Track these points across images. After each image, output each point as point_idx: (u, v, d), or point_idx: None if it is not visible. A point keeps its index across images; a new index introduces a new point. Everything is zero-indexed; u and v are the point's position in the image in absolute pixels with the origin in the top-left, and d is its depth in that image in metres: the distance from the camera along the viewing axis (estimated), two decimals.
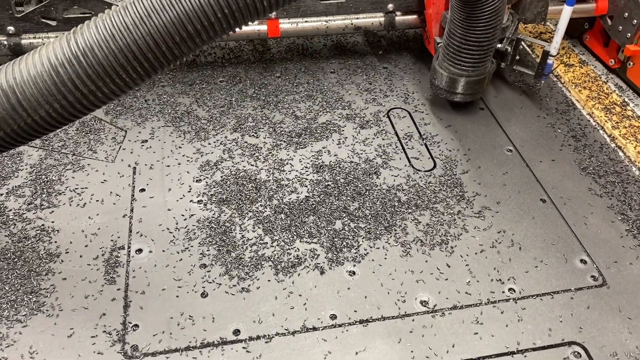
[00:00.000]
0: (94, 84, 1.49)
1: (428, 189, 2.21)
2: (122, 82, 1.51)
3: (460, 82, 2.45)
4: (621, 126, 2.52)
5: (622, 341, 1.73)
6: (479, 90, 2.52)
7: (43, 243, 1.94)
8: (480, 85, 2.49)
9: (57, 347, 1.66)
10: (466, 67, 2.40)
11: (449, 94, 2.52)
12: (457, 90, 2.48)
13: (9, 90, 1.49)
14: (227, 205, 2.10)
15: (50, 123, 1.55)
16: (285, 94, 2.67)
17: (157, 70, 1.54)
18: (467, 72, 2.42)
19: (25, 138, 1.60)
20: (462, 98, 2.52)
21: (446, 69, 2.45)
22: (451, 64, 2.43)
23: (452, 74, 2.44)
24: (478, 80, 2.45)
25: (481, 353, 1.69)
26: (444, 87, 2.49)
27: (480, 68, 2.42)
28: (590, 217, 2.13)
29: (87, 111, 1.57)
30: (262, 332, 1.72)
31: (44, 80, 1.48)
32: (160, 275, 1.87)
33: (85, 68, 1.46)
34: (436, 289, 1.86)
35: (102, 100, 1.55)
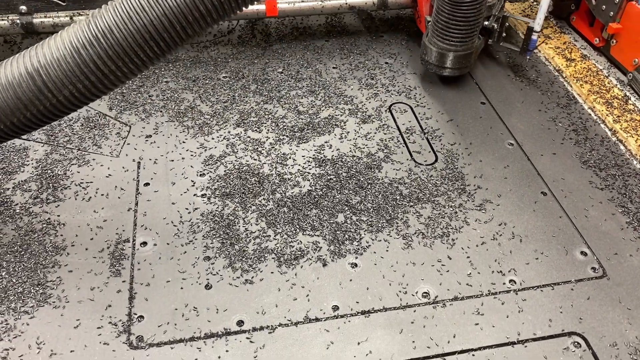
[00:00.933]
0: (114, 64, 1.59)
1: (429, 183, 2.22)
2: (140, 62, 1.61)
3: (448, 57, 2.58)
4: (622, 120, 2.53)
5: (621, 331, 1.75)
6: (466, 65, 2.65)
7: (49, 236, 1.97)
8: (468, 60, 2.62)
9: (64, 338, 1.68)
10: (454, 42, 2.54)
11: (438, 69, 2.65)
12: (446, 64, 2.61)
13: (34, 73, 1.59)
14: (230, 199, 2.12)
15: (74, 103, 1.66)
16: (288, 89, 2.69)
17: (171, 49, 1.64)
18: (455, 47, 2.56)
19: (50, 118, 1.71)
20: (451, 72, 2.65)
21: (435, 45, 2.59)
22: (440, 40, 2.56)
23: (441, 49, 2.57)
24: (466, 54, 2.59)
25: (482, 343, 1.71)
26: (433, 62, 2.63)
27: (468, 43, 2.56)
28: (590, 210, 2.15)
29: (107, 90, 1.68)
30: (265, 323, 1.74)
31: (67, 62, 1.58)
32: (165, 267, 1.89)
33: (106, 49, 1.56)
34: (437, 280, 1.88)
35: (122, 80, 1.65)
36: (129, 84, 2.67)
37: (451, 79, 2.78)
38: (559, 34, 3.11)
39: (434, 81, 2.80)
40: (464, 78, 2.82)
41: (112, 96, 2.60)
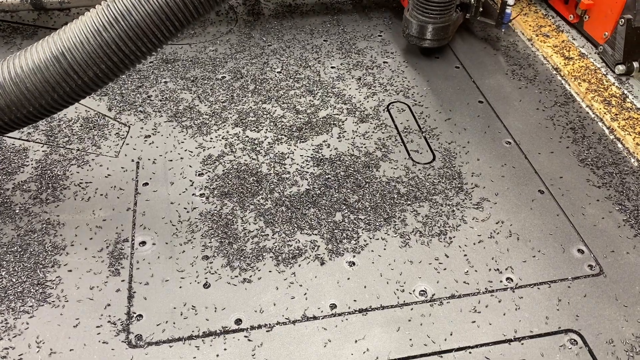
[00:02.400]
0: (134, 44, 1.70)
1: (427, 181, 2.23)
2: (157, 41, 1.73)
3: (428, 29, 2.78)
4: (620, 118, 2.54)
5: (618, 329, 1.75)
6: (444, 37, 2.85)
7: (49, 236, 1.98)
8: (446, 32, 2.83)
9: (63, 337, 1.69)
10: (433, 14, 2.74)
11: (419, 40, 2.85)
12: (426, 36, 2.81)
13: (60, 57, 1.69)
14: (229, 198, 2.14)
15: (98, 83, 1.77)
16: (286, 89, 2.70)
17: (185, 27, 1.75)
18: (434, 20, 2.76)
19: (76, 98, 1.81)
20: (431, 44, 2.85)
21: (415, 17, 2.79)
22: (419, 13, 2.77)
23: (421, 22, 2.77)
24: (444, 26, 2.80)
25: (479, 341, 1.72)
26: (414, 34, 2.83)
27: (446, 15, 2.77)
28: (588, 208, 2.15)
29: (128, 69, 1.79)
30: (263, 321, 1.75)
31: (90, 44, 1.68)
32: (164, 266, 1.90)
33: (125, 30, 1.67)
34: (434, 278, 1.89)
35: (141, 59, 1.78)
36: (128, 85, 2.68)
37: (449, 77, 2.79)
38: (557, 32, 3.12)
39: (432, 80, 2.81)
40: (462, 77, 2.83)
41: (111, 96, 2.61)
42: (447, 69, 2.90)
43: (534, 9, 3.32)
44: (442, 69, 2.90)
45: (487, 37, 3.15)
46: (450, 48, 3.05)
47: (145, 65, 2.81)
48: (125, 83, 2.69)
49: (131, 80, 2.71)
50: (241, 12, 3.31)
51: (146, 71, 2.77)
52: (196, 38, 3.05)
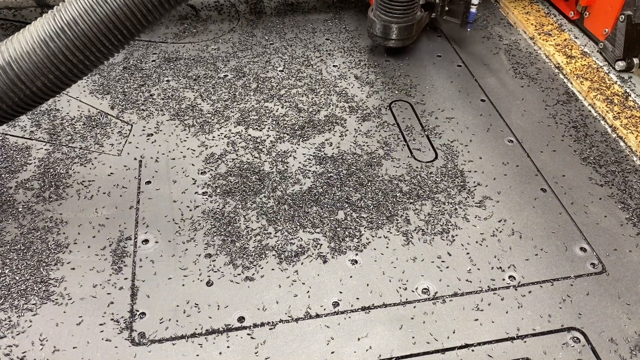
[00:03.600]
0: (82, 54, 1.68)
1: (429, 180, 2.23)
2: (105, 50, 1.71)
3: (392, 29, 2.75)
4: (622, 117, 2.53)
5: (621, 327, 1.75)
6: (409, 36, 2.83)
7: (52, 234, 1.98)
8: (410, 31, 2.80)
9: (67, 335, 1.70)
10: (397, 14, 2.71)
11: (383, 40, 2.82)
12: (391, 36, 2.78)
13: (6, 67, 1.67)
14: (231, 196, 2.14)
15: (47, 93, 1.75)
16: (288, 87, 2.70)
17: (134, 35, 1.73)
18: (397, 19, 2.73)
19: (27, 108, 1.79)
20: (395, 43, 2.82)
21: (379, 17, 2.75)
22: (383, 13, 2.73)
23: (385, 22, 2.74)
24: (408, 26, 2.77)
25: (481, 339, 1.72)
26: (378, 34, 2.80)
27: (409, 15, 2.74)
28: (590, 206, 2.15)
29: (78, 78, 1.77)
30: (266, 319, 1.75)
31: (36, 54, 1.66)
32: (167, 264, 1.91)
33: (72, 39, 1.65)
34: (437, 276, 1.89)
35: (90, 68, 1.75)
36: (130, 83, 2.68)
37: (451, 76, 2.79)
38: (559, 31, 3.12)
39: (434, 79, 2.81)
40: (464, 75, 2.83)
41: (113, 95, 2.61)
42: (449, 67, 2.90)
43: (535, 8, 3.32)
44: (444, 67, 2.90)
45: (489, 35, 3.15)
46: (452, 46, 3.05)
47: (148, 64, 2.82)
48: (127, 82, 2.70)
49: (133, 78, 2.72)
50: (243, 10, 3.31)
51: (148, 70, 2.78)
52: (198, 37, 3.05)
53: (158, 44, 2.98)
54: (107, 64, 2.80)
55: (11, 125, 2.42)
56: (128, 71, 2.76)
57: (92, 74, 2.73)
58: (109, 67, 2.78)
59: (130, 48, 2.93)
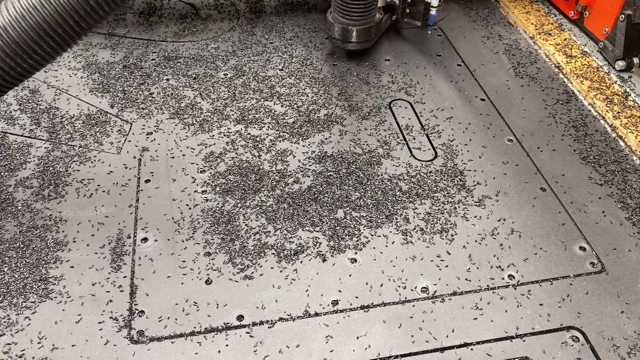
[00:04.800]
0: (13, 61, 1.67)
1: (429, 179, 2.23)
2: (39, 57, 1.69)
3: (351, 32, 2.70)
4: (622, 116, 2.53)
5: (620, 326, 1.75)
6: (368, 39, 2.77)
7: (51, 232, 1.98)
8: (369, 34, 2.75)
9: (66, 333, 1.70)
10: (355, 17, 2.67)
11: (343, 44, 2.77)
12: (350, 39, 2.73)
13: None
14: (230, 195, 2.14)
15: None
16: (288, 86, 2.70)
17: (69, 43, 1.71)
18: (355, 22, 2.68)
19: None
20: (355, 46, 2.77)
21: (337, 20, 2.71)
22: (341, 15, 2.69)
23: (343, 25, 2.69)
24: (366, 28, 2.72)
25: (480, 338, 1.72)
26: (338, 37, 2.74)
27: (367, 17, 2.69)
28: (590, 205, 2.15)
29: (12, 86, 1.76)
30: (265, 317, 1.75)
31: None
32: (166, 263, 1.90)
33: (2, 47, 1.64)
34: (436, 275, 1.89)
35: (24, 75, 1.74)
36: (130, 82, 2.68)
37: (451, 75, 2.79)
38: (559, 31, 3.12)
39: (434, 78, 2.80)
40: (464, 75, 2.83)
41: (113, 94, 2.61)
42: (449, 66, 2.90)
43: (535, 7, 3.32)
44: (444, 66, 2.90)
45: (489, 35, 3.15)
46: (452, 46, 3.05)
47: (147, 63, 2.81)
48: (127, 80, 2.69)
49: (133, 77, 2.71)
50: (243, 9, 3.31)
51: (148, 68, 2.77)
52: (198, 35, 3.05)
53: (158, 42, 2.97)
54: (107, 63, 2.80)
55: (10, 124, 2.42)
56: (128, 70, 2.76)
57: (92, 72, 2.73)
58: (109, 66, 2.78)
59: (130, 47, 2.92)
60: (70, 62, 2.80)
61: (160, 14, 3.21)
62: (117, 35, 3.02)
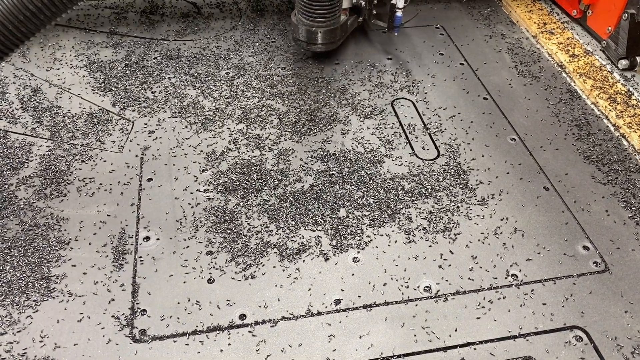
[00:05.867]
0: None
1: (432, 178, 2.22)
2: None
3: (316, 33, 2.66)
4: (625, 115, 2.52)
5: (623, 325, 1.75)
6: (334, 40, 2.73)
7: (53, 231, 1.98)
8: (334, 35, 2.71)
9: (67, 332, 1.69)
10: (319, 19, 2.62)
11: (310, 45, 2.73)
12: (316, 41, 2.69)
13: None
14: (233, 194, 2.13)
15: None
16: (290, 85, 2.69)
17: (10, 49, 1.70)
18: (320, 24, 2.64)
19: None
20: (322, 48, 2.73)
21: (302, 22, 2.66)
22: (305, 17, 2.64)
23: (308, 26, 2.65)
24: (332, 30, 2.67)
25: (483, 337, 1.71)
26: (304, 39, 2.70)
27: (332, 19, 2.64)
28: (593, 205, 2.14)
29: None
30: (267, 316, 1.75)
31: None
32: (168, 262, 1.90)
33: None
34: (439, 275, 1.88)
35: None
36: (132, 80, 2.68)
37: (454, 74, 2.78)
38: (562, 29, 3.11)
39: (437, 77, 2.80)
40: (467, 74, 2.83)
41: (115, 92, 2.61)
42: (452, 65, 2.89)
43: (538, 6, 3.31)
44: (447, 65, 2.89)
45: (491, 34, 3.14)
46: (455, 44, 3.04)
47: (150, 61, 2.81)
48: (129, 79, 2.69)
49: (135, 76, 2.71)
50: (245, 8, 3.30)
51: (150, 67, 2.77)
52: (200, 34, 3.05)
53: (160, 41, 2.97)
54: (109, 61, 2.79)
55: (12, 122, 2.41)
56: (130, 68, 2.76)
57: (94, 70, 2.72)
58: (111, 64, 2.77)
59: (132, 45, 2.92)
60: (72, 60, 2.80)
61: (162, 13, 3.21)
62: (119, 34, 3.01)
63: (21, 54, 2.82)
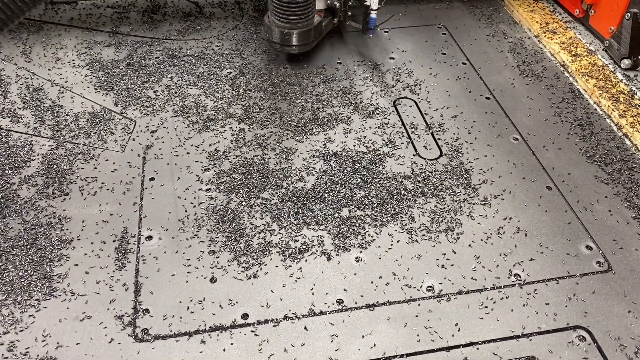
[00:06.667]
0: None
1: (434, 177, 2.22)
2: None
3: (289, 35, 2.64)
4: (628, 115, 2.52)
5: (627, 325, 1.74)
6: (309, 42, 2.72)
7: (55, 230, 1.98)
8: (308, 36, 2.69)
9: (70, 331, 1.69)
10: (292, 20, 2.60)
11: (284, 47, 2.71)
12: (291, 42, 2.67)
13: None
14: (235, 193, 2.13)
15: None
16: (292, 84, 2.69)
17: None
18: (293, 25, 2.62)
19: None
20: (296, 49, 2.72)
21: (275, 24, 2.64)
22: (278, 19, 2.62)
23: (282, 28, 2.63)
24: (306, 31, 2.66)
25: (486, 337, 1.71)
26: (278, 41, 2.68)
27: (305, 20, 2.63)
28: (596, 204, 2.14)
29: None
30: (270, 316, 1.74)
31: None
32: (170, 261, 1.90)
33: None
34: (442, 274, 1.88)
35: None
36: (134, 80, 2.68)
37: (456, 73, 2.77)
38: (564, 29, 3.10)
39: (439, 76, 2.79)
40: (469, 73, 2.82)
41: (117, 92, 2.60)
42: (454, 64, 2.89)
43: (540, 6, 3.30)
44: (449, 64, 2.88)
45: (494, 33, 3.14)
46: (457, 44, 3.04)
47: (152, 61, 2.81)
48: (131, 78, 2.69)
49: (137, 75, 2.71)
50: (247, 7, 3.30)
51: (152, 66, 2.77)
52: (202, 33, 3.04)
53: (162, 40, 2.97)
54: (111, 61, 2.79)
55: (15, 121, 2.41)
56: (132, 68, 2.75)
57: (96, 70, 2.72)
58: (113, 64, 2.77)
59: (134, 45, 2.92)
60: (74, 60, 2.80)
61: (164, 12, 3.20)
62: (121, 33, 3.01)
63: (23, 54, 2.82)
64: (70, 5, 3.22)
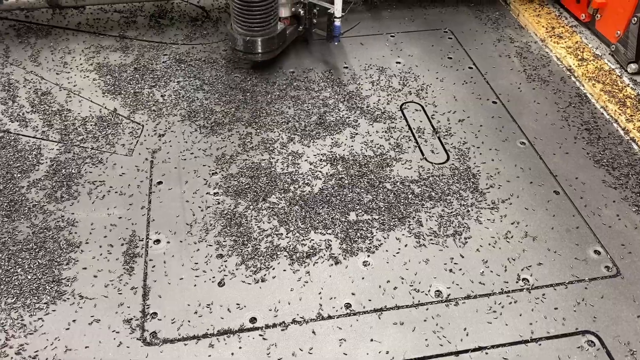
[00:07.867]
0: None
1: (441, 181, 2.22)
2: None
3: (253, 42, 2.63)
4: (635, 119, 2.51)
5: (636, 330, 1.74)
6: (273, 49, 2.71)
7: (64, 234, 1.98)
8: (271, 44, 2.68)
9: (79, 334, 1.70)
10: (255, 28, 2.59)
11: (249, 55, 2.70)
12: (253, 50, 2.66)
13: None
14: (242, 197, 2.13)
15: None
16: (299, 89, 2.69)
17: None
18: (255, 33, 2.60)
19: None
20: (260, 57, 2.71)
21: (237, 32, 2.63)
22: (240, 27, 2.61)
23: (244, 36, 2.62)
24: (269, 38, 2.65)
25: (495, 342, 1.70)
26: (242, 49, 2.67)
27: (267, 28, 2.62)
28: (604, 209, 2.13)
29: None
30: (278, 320, 1.74)
31: None
32: (178, 265, 1.90)
33: None
34: (450, 279, 1.88)
35: None
36: (141, 84, 2.69)
37: (463, 78, 2.77)
38: (570, 34, 3.10)
39: (446, 81, 2.80)
40: (475, 77, 2.82)
41: (124, 96, 2.61)
42: (461, 69, 2.89)
43: (546, 10, 3.30)
44: (456, 69, 2.89)
45: (500, 37, 3.14)
46: (463, 48, 3.04)
47: (159, 65, 2.82)
48: (138, 82, 2.70)
49: (145, 79, 2.72)
50: None
51: (160, 71, 2.78)
52: (209, 38, 3.05)
53: (169, 45, 2.98)
54: (119, 65, 2.80)
55: (23, 126, 2.43)
56: (139, 72, 2.77)
57: (104, 74, 2.73)
58: (120, 68, 2.78)
59: (141, 49, 2.93)
60: (82, 64, 2.81)
61: (171, 17, 3.22)
62: (128, 37, 3.02)
63: (31, 58, 2.83)
64: (77, 10, 3.23)
